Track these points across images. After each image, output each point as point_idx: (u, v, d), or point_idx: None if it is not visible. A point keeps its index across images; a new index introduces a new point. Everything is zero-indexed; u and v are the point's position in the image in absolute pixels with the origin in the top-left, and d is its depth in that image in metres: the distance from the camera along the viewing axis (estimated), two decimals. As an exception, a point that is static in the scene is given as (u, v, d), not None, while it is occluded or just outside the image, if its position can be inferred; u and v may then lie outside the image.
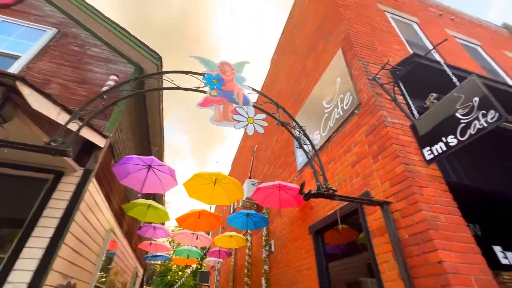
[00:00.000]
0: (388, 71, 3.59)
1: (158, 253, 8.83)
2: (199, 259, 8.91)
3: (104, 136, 3.68)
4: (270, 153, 7.41)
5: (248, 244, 7.45)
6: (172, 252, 10.15)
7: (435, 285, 1.98)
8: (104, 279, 5.44)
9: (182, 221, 5.64)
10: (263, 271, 5.66)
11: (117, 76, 4.53)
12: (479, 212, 2.95)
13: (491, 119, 1.99)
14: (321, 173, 2.48)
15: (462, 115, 2.24)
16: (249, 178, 8.66)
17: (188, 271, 27.07)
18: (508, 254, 2.71)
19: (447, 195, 2.46)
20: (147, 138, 7.44)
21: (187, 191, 4.10)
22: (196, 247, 8.92)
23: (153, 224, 6.44)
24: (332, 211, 3.57)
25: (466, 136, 2.16)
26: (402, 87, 3.36)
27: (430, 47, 5.51)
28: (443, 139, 2.38)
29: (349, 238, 3.56)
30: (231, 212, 9.40)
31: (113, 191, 4.92)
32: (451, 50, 5.66)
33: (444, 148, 2.35)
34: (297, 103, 5.96)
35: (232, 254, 9.41)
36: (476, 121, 2.10)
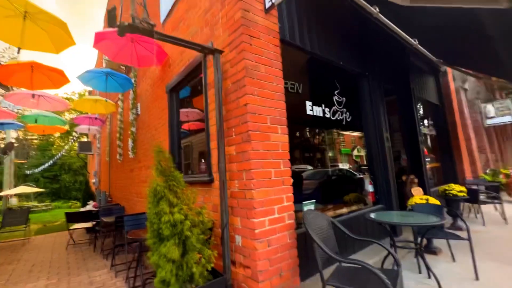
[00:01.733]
0: None
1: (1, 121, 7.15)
2: (64, 126, 7.90)
3: None
4: None
5: (120, 109, 6.92)
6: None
7: (238, 123, 2.26)
8: None
9: (5, 76, 4.26)
10: (129, 132, 5.58)
11: None
12: (306, 73, 3.41)
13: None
14: (140, 2, 1.96)
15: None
16: (117, 34, 7.04)
17: (77, 144, 25.30)
18: (314, 108, 3.42)
19: (276, 49, 2.53)
20: None
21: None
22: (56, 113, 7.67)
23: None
24: (183, 67, 3.34)
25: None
26: None
27: None
28: (282, -17, 2.17)
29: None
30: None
31: None
32: None
33: (280, -6, 2.19)
34: None
35: (108, 121, 8.82)
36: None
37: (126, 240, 3.15)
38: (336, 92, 3.83)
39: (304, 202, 2.94)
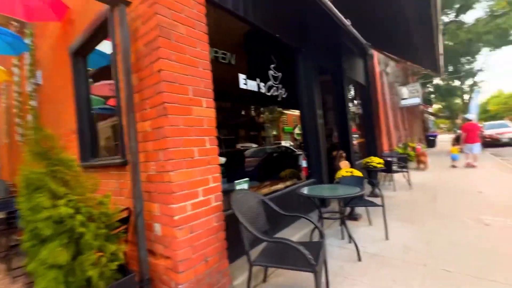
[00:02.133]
0: None
1: None
2: None
3: None
4: None
5: (16, 78, 5.49)
6: None
7: (153, 94, 1.90)
8: None
9: None
10: (29, 107, 4.48)
11: None
12: (240, 43, 3.15)
13: None
14: None
15: None
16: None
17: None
18: (249, 81, 3.21)
19: (200, 8, 2.17)
20: None
21: None
22: None
23: None
24: (88, 24, 2.67)
25: None
26: None
27: None
28: None
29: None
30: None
31: None
32: None
33: None
34: None
35: (3, 93, 7.01)
36: None
37: (19, 240, 2.54)
38: (272, 66, 3.68)
39: (236, 181, 2.80)
